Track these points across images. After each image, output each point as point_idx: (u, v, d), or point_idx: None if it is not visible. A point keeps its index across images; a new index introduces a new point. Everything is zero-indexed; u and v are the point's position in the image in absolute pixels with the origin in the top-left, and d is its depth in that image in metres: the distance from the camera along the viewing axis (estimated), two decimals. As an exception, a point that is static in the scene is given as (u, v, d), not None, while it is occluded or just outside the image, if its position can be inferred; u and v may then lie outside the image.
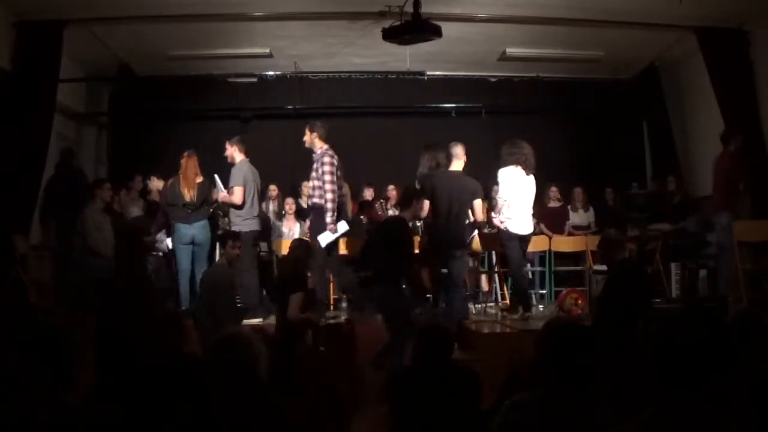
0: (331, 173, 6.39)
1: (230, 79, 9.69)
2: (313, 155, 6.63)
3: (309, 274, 5.97)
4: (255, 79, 9.74)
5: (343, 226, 6.57)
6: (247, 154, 6.99)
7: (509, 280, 8.03)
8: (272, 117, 10.00)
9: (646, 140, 10.13)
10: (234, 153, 6.92)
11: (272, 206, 8.84)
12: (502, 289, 7.77)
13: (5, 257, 6.50)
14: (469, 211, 6.34)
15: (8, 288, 6.43)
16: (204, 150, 8.36)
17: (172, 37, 8.25)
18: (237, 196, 6.75)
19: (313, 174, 6.58)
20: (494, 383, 3.34)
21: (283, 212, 8.60)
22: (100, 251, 6.95)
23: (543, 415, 2.27)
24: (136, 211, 8.19)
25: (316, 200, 6.54)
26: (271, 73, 9.69)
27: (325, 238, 6.46)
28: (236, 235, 6.44)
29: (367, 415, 4.78)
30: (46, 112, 7.42)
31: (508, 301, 7.66)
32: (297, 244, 5.93)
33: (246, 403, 2.35)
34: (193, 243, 6.96)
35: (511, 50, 8.94)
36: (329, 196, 6.36)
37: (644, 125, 10.15)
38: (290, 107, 9.84)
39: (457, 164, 6.32)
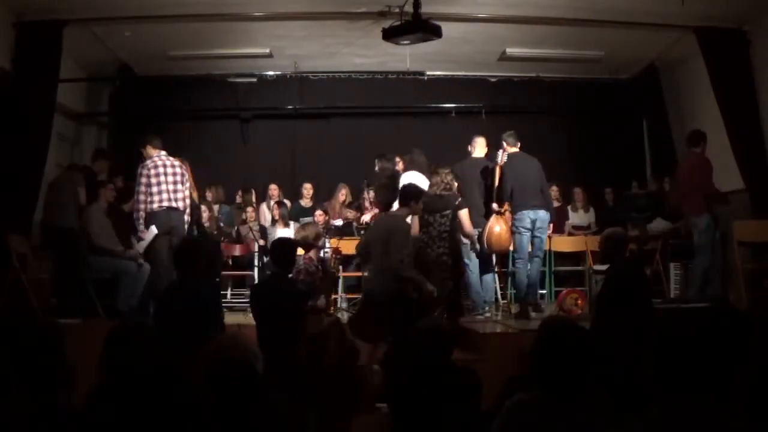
0: (138, 183, 6.53)
1: (230, 79, 9.69)
2: None
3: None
4: (255, 79, 9.73)
5: (152, 232, 6.59)
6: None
7: (509, 279, 8.05)
8: (272, 117, 10.00)
9: (646, 140, 10.12)
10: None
11: (269, 207, 8.85)
12: (502, 289, 7.76)
13: (3, 258, 6.49)
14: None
15: (7, 289, 6.42)
16: (204, 150, 8.34)
17: (172, 37, 8.25)
18: None
19: None
20: (494, 383, 3.34)
21: (275, 218, 8.62)
22: (104, 250, 6.94)
23: (543, 415, 2.27)
24: None
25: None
26: (270, 73, 9.69)
27: (140, 245, 6.73)
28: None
29: (368, 415, 4.80)
30: (46, 112, 7.40)
31: (507, 301, 7.67)
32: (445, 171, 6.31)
33: (248, 400, 2.37)
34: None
35: (511, 50, 8.93)
36: (138, 206, 6.52)
37: (644, 125, 10.15)
38: (290, 107, 9.85)
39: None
